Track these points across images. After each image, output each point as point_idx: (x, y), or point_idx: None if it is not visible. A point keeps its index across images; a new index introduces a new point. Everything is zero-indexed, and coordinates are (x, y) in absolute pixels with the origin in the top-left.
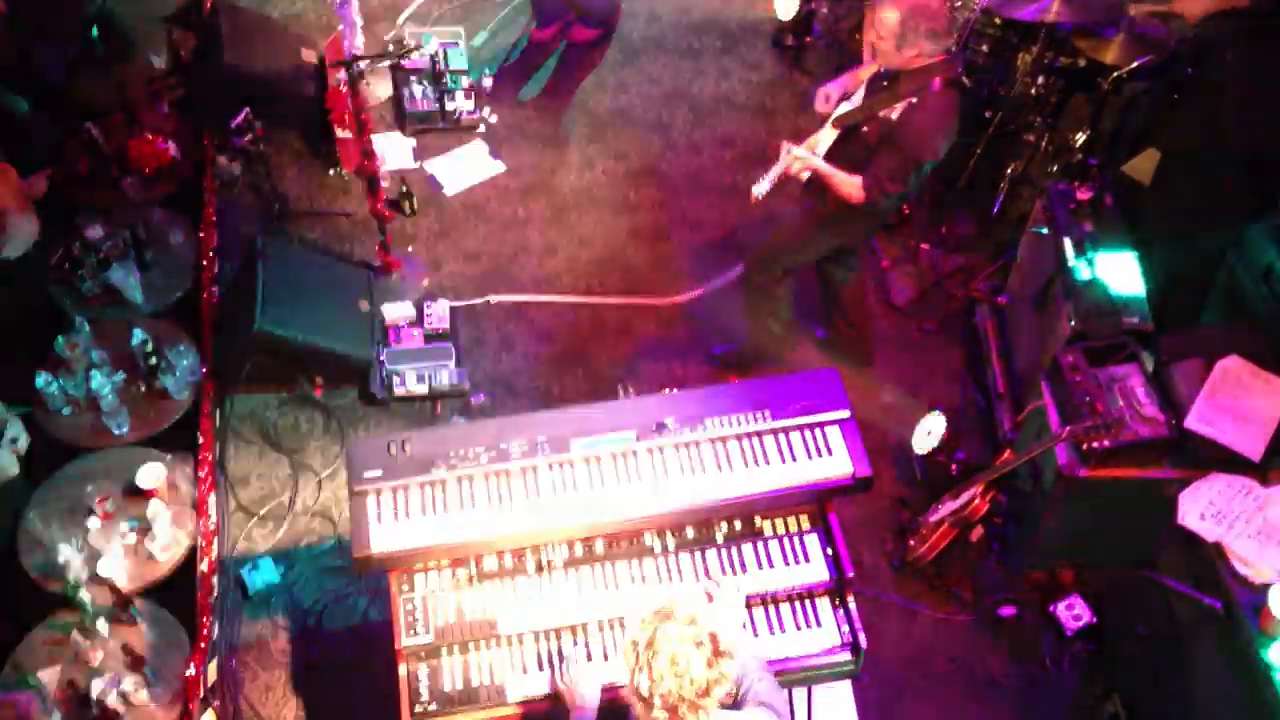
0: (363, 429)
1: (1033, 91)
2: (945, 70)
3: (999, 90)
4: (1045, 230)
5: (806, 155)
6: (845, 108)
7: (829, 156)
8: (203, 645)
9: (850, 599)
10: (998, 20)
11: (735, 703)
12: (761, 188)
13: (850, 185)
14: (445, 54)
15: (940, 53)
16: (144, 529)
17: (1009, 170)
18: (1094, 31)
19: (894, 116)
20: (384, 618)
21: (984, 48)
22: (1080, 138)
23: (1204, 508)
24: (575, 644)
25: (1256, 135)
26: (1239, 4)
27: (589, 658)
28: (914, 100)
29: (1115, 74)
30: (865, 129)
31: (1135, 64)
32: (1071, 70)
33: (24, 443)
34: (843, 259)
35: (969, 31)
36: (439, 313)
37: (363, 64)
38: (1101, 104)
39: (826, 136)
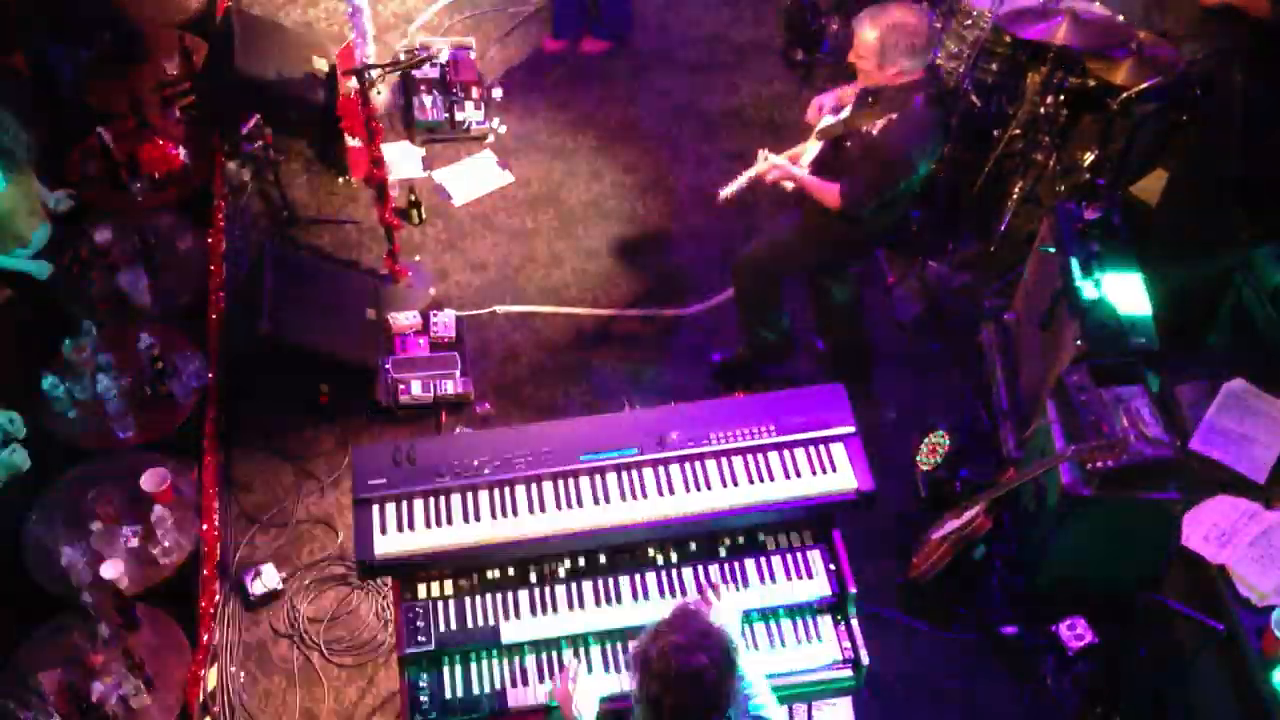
0: (367, 437)
1: (1041, 111)
2: (926, 87)
3: (1008, 109)
4: (1052, 249)
5: (782, 162)
6: (829, 120)
7: (817, 167)
8: (203, 651)
9: (852, 615)
10: (1008, 39)
11: (738, 715)
12: (729, 190)
13: (828, 193)
14: (456, 64)
15: (920, 69)
16: (147, 533)
17: (1016, 189)
18: (1103, 52)
19: (874, 132)
20: (386, 625)
21: (993, 66)
22: (1088, 158)
23: (1208, 529)
24: (576, 656)
25: (1264, 158)
26: (1260, 9)
27: (589, 670)
28: (894, 116)
29: (1124, 95)
30: (848, 143)
31: (1144, 85)
32: (1080, 90)
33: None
34: (837, 274)
35: (978, 50)
36: (445, 322)
37: (374, 73)
38: (1110, 124)
39: (811, 148)
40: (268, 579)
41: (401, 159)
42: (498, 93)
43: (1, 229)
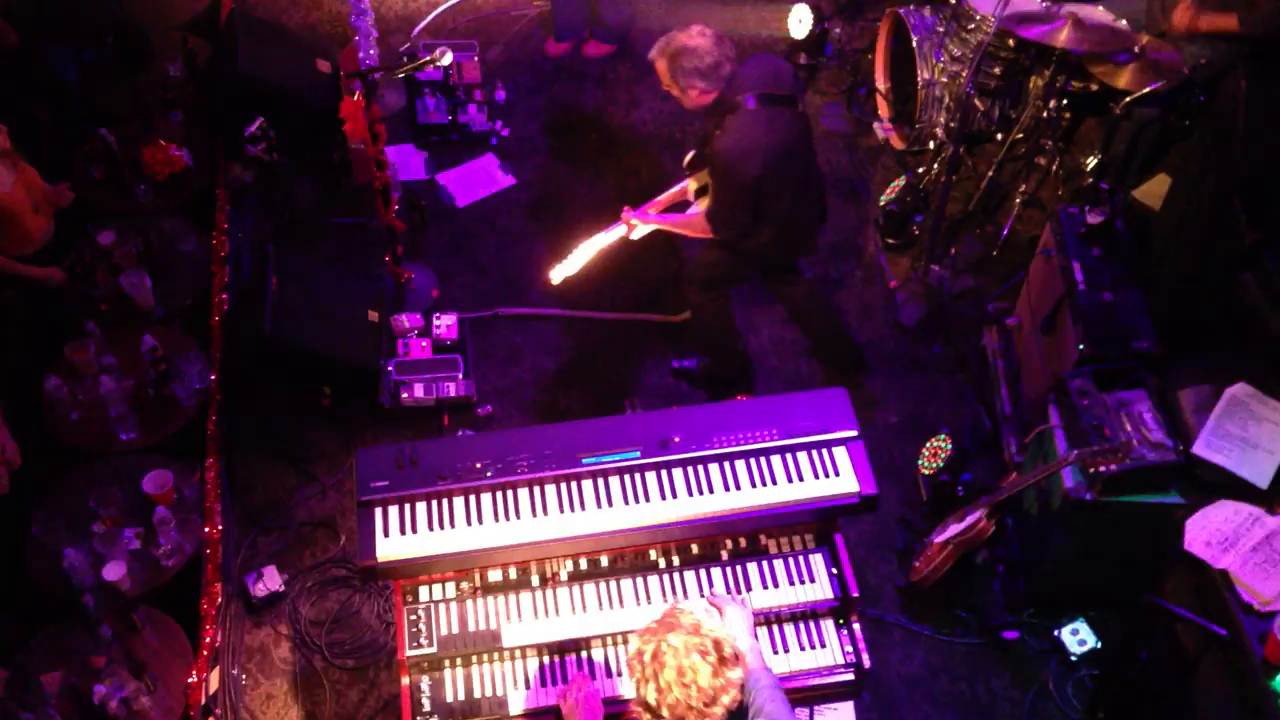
0: (369, 439)
1: (1044, 115)
2: (753, 89)
3: (1010, 113)
4: (1055, 253)
5: (641, 217)
6: (690, 154)
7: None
8: (205, 653)
9: (854, 619)
10: (1010, 43)
11: (743, 714)
12: (568, 267)
13: (696, 226)
14: (459, 67)
15: (717, 86)
16: (149, 535)
17: (1019, 193)
18: (1106, 56)
19: (710, 150)
20: (387, 628)
21: (996, 70)
22: (1091, 162)
23: (1210, 534)
24: (579, 664)
25: (1267, 163)
26: (1229, 28)
27: (592, 677)
28: (719, 131)
29: (1127, 99)
30: (708, 170)
31: (1147, 90)
32: (1083, 94)
33: None
34: (785, 279)
35: (981, 54)
36: (447, 324)
37: (377, 75)
38: (1113, 129)
39: (692, 185)
40: (270, 581)
41: (404, 161)
42: (500, 96)
43: (10, 227)
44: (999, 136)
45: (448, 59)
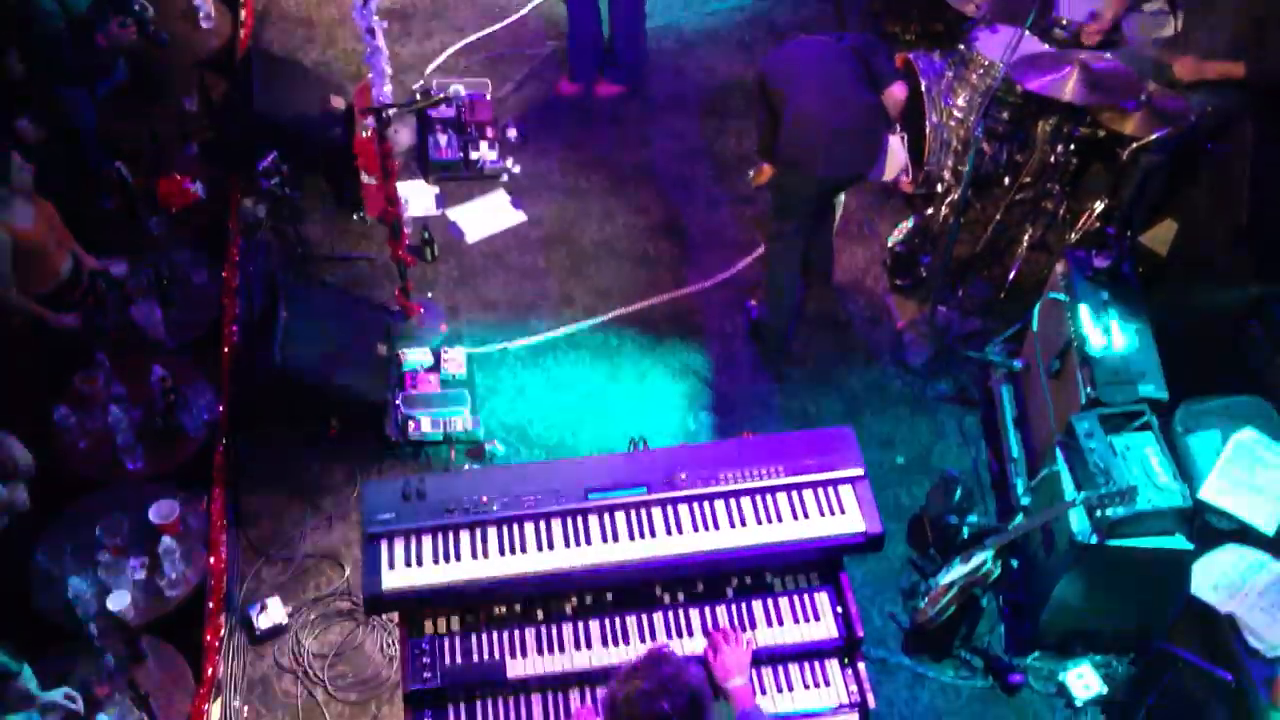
0: (376, 472)
1: (1051, 159)
2: None
3: (1018, 157)
4: (1062, 297)
5: None
6: None
7: None
8: (208, 684)
9: (859, 659)
10: (1018, 88)
11: None
12: None
13: None
14: (472, 104)
15: None
16: (154, 565)
17: (1026, 236)
18: (1113, 103)
19: None
20: (391, 661)
21: (1004, 115)
22: (1098, 206)
23: (1217, 579)
24: (583, 699)
25: (1273, 211)
26: (1235, 75)
27: (596, 712)
28: None
29: (1134, 145)
30: None
31: (1154, 136)
32: (1090, 140)
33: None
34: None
35: (989, 99)
36: (456, 359)
37: (390, 112)
38: (1120, 174)
39: None
40: (273, 613)
41: (416, 197)
42: (512, 133)
43: (33, 265)
44: (1006, 180)
45: (460, 96)
